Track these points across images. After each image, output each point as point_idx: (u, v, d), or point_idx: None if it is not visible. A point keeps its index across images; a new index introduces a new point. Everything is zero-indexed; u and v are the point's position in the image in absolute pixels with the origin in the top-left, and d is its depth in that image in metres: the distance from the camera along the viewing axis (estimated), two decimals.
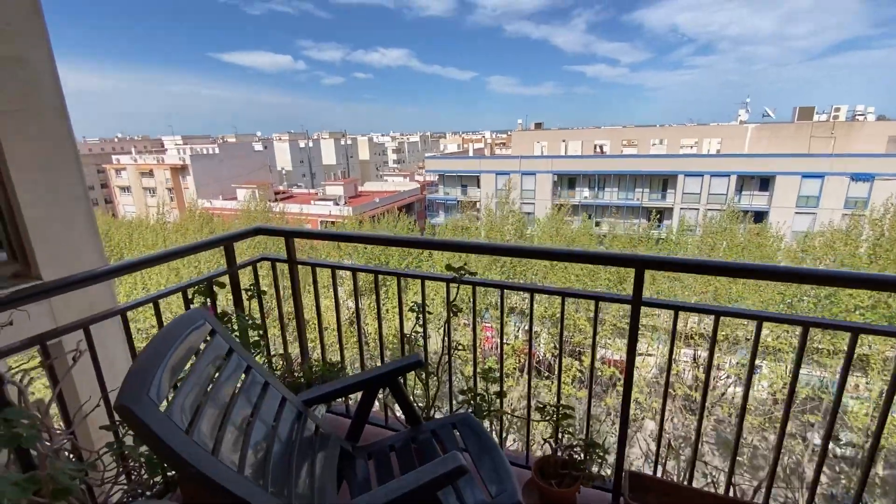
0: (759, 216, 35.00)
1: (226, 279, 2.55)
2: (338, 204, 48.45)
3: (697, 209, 37.05)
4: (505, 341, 16.90)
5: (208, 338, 1.56)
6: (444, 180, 48.21)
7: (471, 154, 55.03)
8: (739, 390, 17.65)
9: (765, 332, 16.33)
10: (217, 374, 1.51)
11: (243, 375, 1.62)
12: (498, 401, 2.29)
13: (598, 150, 47.55)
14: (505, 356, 17.15)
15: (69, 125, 3.08)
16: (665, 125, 79.85)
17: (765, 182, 35.62)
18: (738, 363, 17.21)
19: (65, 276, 2.02)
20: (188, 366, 1.42)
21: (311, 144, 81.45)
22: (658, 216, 38.48)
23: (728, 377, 17.17)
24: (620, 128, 70.32)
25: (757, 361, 17.27)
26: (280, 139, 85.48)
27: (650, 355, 18.27)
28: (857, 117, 41.71)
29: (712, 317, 1.90)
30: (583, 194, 41.57)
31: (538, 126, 57.78)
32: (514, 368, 17.40)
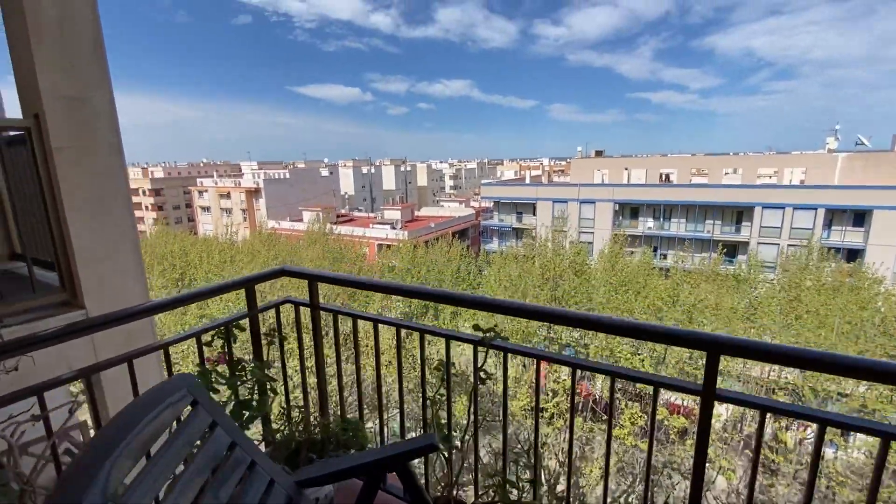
0: (853, 254, 31.19)
1: (246, 322, 2.43)
2: (395, 228, 49.67)
3: (777, 244, 33.77)
4: (555, 378, 15.86)
5: (190, 407, 1.38)
6: (499, 207, 47.97)
7: (527, 181, 54.53)
8: (830, 451, 15.28)
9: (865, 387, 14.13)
10: (195, 454, 1.32)
11: (227, 452, 1.42)
12: (531, 491, 1.93)
13: (663, 178, 45.23)
14: (553, 394, 16.15)
15: (122, 161, 3.20)
16: (740, 153, 74.78)
17: (859, 217, 31.85)
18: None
19: (108, 313, 2.03)
20: (158, 446, 1.24)
21: (372, 171, 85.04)
22: (727, 250, 35.48)
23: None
24: (689, 156, 66.78)
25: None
26: (345, 165, 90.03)
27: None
28: None
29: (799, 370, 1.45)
30: (647, 225, 39.45)
31: (599, 153, 56.29)
32: (564, 409, 16.25)
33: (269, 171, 74.43)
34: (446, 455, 2.11)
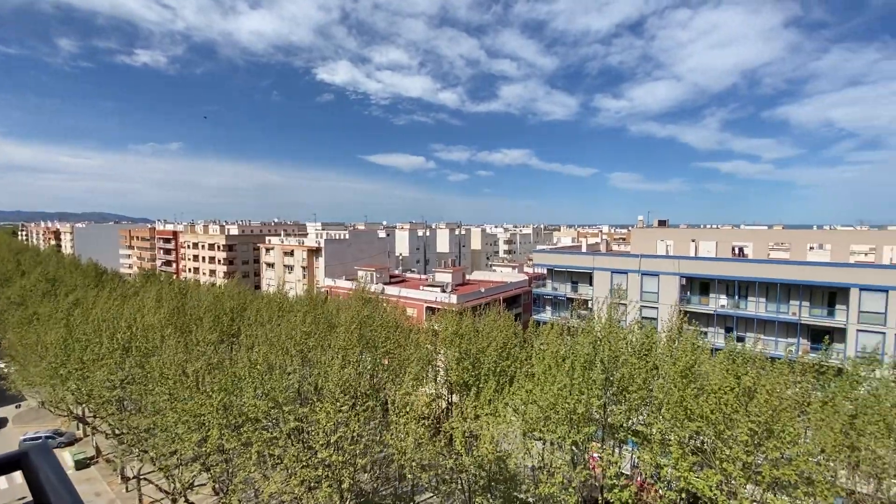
0: None
1: None
2: (444, 291, 49.11)
3: (884, 332, 28.87)
4: (622, 469, 13.42)
5: None
6: (553, 275, 46.13)
7: (584, 249, 52.56)
8: None
9: None
10: None
11: None
12: None
13: (737, 252, 41.57)
14: (618, 487, 13.57)
15: None
16: (825, 227, 68.12)
17: None
18: None
19: None
20: None
21: (427, 233, 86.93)
22: (817, 336, 30.75)
23: None
24: (766, 228, 61.78)
25: None
26: (401, 228, 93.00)
27: None
28: None
29: None
30: (719, 302, 35.73)
31: (662, 223, 53.61)
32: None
33: (331, 231, 78.38)
34: None
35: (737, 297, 34.96)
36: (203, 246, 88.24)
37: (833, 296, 31.32)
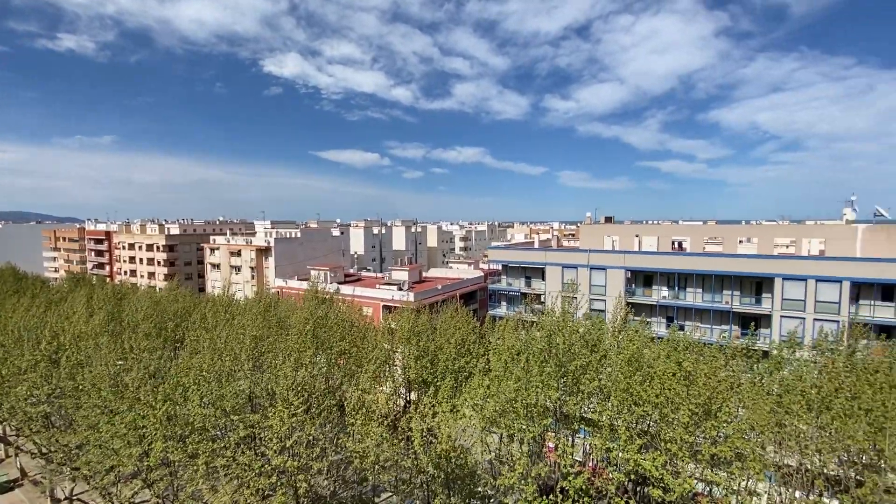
0: (886, 331, 29.08)
1: None
2: (401, 289, 48.81)
3: (803, 318, 31.86)
4: (575, 457, 13.93)
5: None
6: (507, 271, 47.11)
7: (536, 245, 54.03)
8: None
9: None
10: None
11: None
12: None
13: (676, 246, 44.29)
14: (573, 475, 14.09)
15: None
16: (752, 222, 74.13)
17: (888, 291, 30.16)
18: None
19: None
20: None
21: (383, 231, 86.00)
22: (748, 322, 33.47)
23: None
24: (701, 224, 66.24)
25: None
26: (356, 226, 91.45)
27: (757, 495, 14.12)
28: None
29: None
30: (661, 294, 37.95)
31: (609, 220, 56.11)
32: (583, 489, 14.07)
33: (282, 229, 75.65)
34: None
35: (676, 288, 37.31)
36: (140, 247, 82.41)
37: (760, 285, 34.16)
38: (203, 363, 17.42)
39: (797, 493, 14.70)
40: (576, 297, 33.72)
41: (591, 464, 17.88)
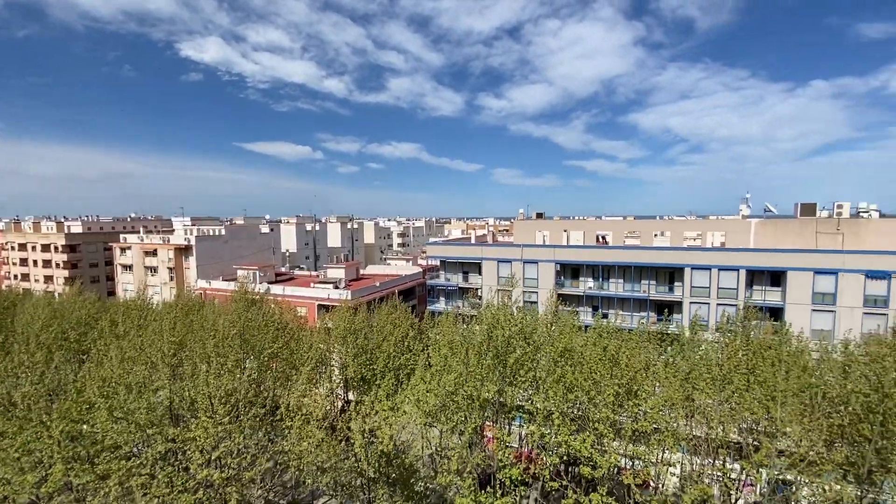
0: (775, 313, 33.31)
1: None
2: (338, 287, 47.48)
3: (708, 304, 35.51)
4: (509, 444, 14.40)
5: None
6: (445, 266, 47.61)
7: (473, 241, 55.10)
8: None
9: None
10: None
11: None
12: None
13: (600, 240, 47.30)
14: (508, 464, 14.62)
15: None
16: (666, 217, 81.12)
17: (776, 277, 34.48)
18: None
19: None
20: None
21: (317, 228, 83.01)
22: (663, 309, 36.84)
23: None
24: (622, 219, 71.36)
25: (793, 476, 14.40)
26: (287, 222, 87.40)
27: (672, 465, 15.60)
28: (860, 214, 41.63)
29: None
30: (587, 285, 40.40)
31: (540, 215, 58.55)
32: (518, 479, 14.67)
33: (204, 226, 70.36)
34: None
35: (601, 279, 39.91)
36: (35, 247, 72.72)
37: (672, 275, 37.51)
38: (112, 374, 15.75)
39: (705, 461, 16.39)
40: (511, 291, 34.85)
41: (526, 450, 18.63)
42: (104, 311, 31.25)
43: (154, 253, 61.32)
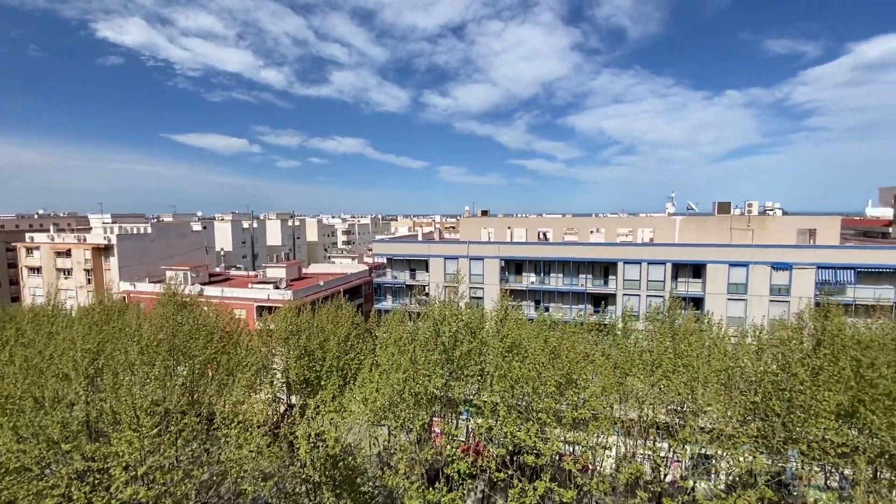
0: (697, 302, 36.31)
1: None
2: (278, 287, 45.53)
3: (639, 295, 38.00)
4: (456, 438, 14.58)
5: None
6: (392, 264, 47.20)
7: (420, 238, 55.05)
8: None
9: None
10: None
11: None
12: None
13: (542, 237, 49.08)
14: (455, 457, 14.81)
15: None
16: (601, 215, 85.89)
17: (697, 270, 37.58)
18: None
19: None
20: None
21: (255, 225, 78.99)
22: (599, 301, 39.04)
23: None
24: (561, 216, 74.59)
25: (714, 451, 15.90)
26: (222, 219, 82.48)
27: (608, 448, 16.58)
28: (767, 212, 46.42)
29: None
30: (530, 280, 41.78)
31: (485, 213, 59.66)
32: (466, 473, 14.91)
33: (127, 224, 64.66)
34: None
35: (542, 274, 41.46)
36: None
37: (607, 269, 39.74)
38: (16, 388, 14.06)
39: (637, 442, 17.57)
40: (458, 287, 35.25)
41: (473, 442, 18.96)
42: (8, 321, 27.79)
43: (68, 253, 55.52)
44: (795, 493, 15.72)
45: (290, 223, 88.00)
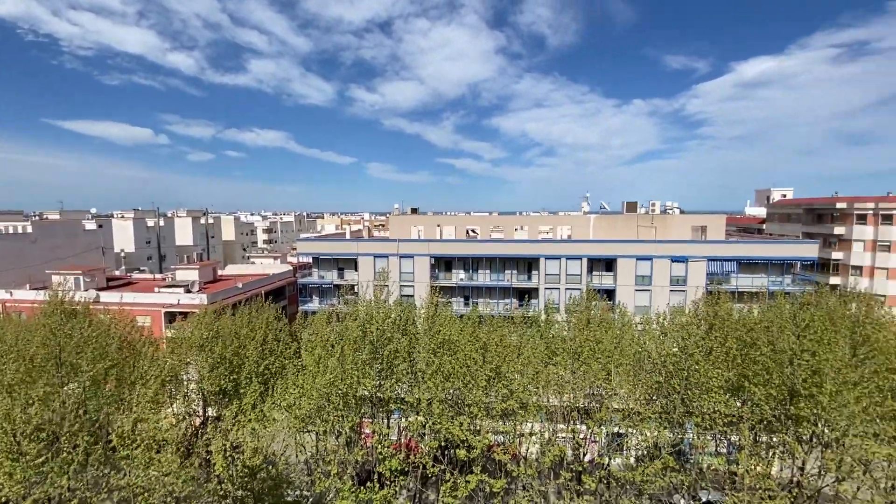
0: (609, 294, 39.44)
1: None
2: (190, 291, 41.82)
3: (559, 288, 40.41)
4: (387, 436, 14.45)
5: None
6: (319, 263, 45.52)
7: (348, 236, 53.67)
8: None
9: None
10: None
11: None
12: None
13: (470, 234, 50.22)
14: (387, 455, 14.68)
15: None
16: (524, 213, 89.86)
17: (609, 264, 40.80)
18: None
19: None
20: None
21: (162, 223, 71.78)
22: (523, 295, 40.95)
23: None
24: (487, 214, 76.84)
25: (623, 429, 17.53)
26: (123, 217, 73.95)
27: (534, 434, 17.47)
28: (667, 211, 51.63)
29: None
30: (459, 276, 42.60)
31: (415, 211, 59.71)
32: (398, 469, 14.88)
33: (0, 222, 55.53)
34: None
35: (471, 270, 42.51)
36: None
37: (530, 264, 41.75)
38: None
39: (559, 426, 18.68)
40: (387, 286, 34.90)
41: (405, 439, 18.93)
42: None
43: None
44: (692, 461, 17.69)
45: (202, 221, 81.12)
